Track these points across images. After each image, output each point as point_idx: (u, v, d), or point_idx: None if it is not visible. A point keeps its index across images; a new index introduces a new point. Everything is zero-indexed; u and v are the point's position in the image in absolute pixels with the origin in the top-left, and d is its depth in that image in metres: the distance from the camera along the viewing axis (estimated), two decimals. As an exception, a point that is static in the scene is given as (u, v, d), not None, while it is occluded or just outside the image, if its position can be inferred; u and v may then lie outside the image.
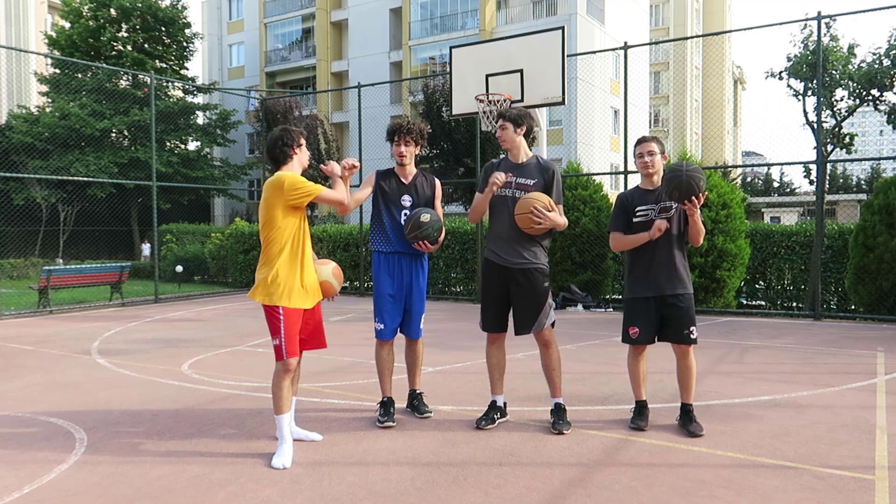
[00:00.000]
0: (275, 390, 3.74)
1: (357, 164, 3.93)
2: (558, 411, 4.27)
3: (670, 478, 3.42)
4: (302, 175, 3.84)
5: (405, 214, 4.38)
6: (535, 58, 9.48)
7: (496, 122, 4.42)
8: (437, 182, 4.60)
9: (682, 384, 4.24)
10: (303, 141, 3.89)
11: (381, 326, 4.39)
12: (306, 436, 4.06)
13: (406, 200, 4.42)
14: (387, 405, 4.43)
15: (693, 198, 3.92)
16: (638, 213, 4.19)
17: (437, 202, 4.55)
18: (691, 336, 4.11)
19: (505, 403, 4.44)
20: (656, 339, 4.22)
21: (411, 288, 4.44)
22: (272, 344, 3.74)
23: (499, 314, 4.29)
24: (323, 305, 4.07)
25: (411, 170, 4.49)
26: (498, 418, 4.34)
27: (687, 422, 4.16)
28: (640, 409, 4.28)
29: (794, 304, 10.77)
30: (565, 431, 4.16)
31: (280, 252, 3.72)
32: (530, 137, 4.43)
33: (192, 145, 29.12)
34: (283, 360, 3.71)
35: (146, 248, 25.17)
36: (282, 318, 3.69)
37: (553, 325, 4.25)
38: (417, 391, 4.66)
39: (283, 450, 3.71)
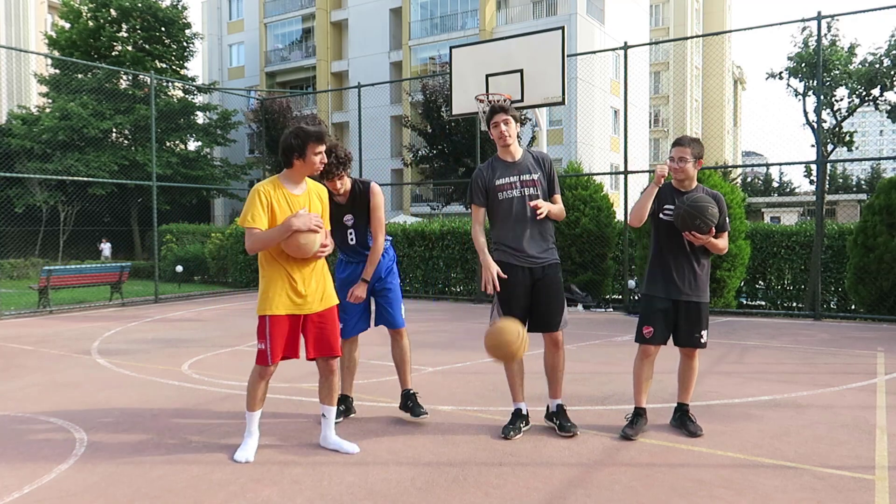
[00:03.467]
0: (250, 389, 3.83)
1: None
2: (563, 413, 4.18)
3: (670, 478, 3.42)
4: (310, 178, 3.79)
5: (351, 234, 4.35)
6: (535, 58, 9.48)
7: (490, 117, 4.12)
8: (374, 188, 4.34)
9: (683, 384, 4.23)
10: (309, 151, 3.58)
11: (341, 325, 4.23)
12: (340, 446, 3.90)
13: (348, 220, 4.35)
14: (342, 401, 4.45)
15: (692, 232, 3.90)
16: (665, 211, 4.11)
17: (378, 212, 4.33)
18: (701, 340, 4.11)
19: (527, 411, 4.24)
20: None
21: (377, 281, 4.41)
22: (257, 347, 3.73)
23: (522, 315, 4.08)
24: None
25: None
26: (524, 427, 4.15)
27: (686, 422, 4.16)
28: (637, 416, 4.12)
29: (794, 304, 10.77)
30: (577, 432, 4.07)
31: (265, 260, 3.71)
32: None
33: (193, 145, 29.12)
34: (267, 365, 3.72)
35: (106, 248, 24.69)
36: (267, 326, 3.68)
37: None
38: (411, 391, 4.46)
39: (248, 443, 3.80)
